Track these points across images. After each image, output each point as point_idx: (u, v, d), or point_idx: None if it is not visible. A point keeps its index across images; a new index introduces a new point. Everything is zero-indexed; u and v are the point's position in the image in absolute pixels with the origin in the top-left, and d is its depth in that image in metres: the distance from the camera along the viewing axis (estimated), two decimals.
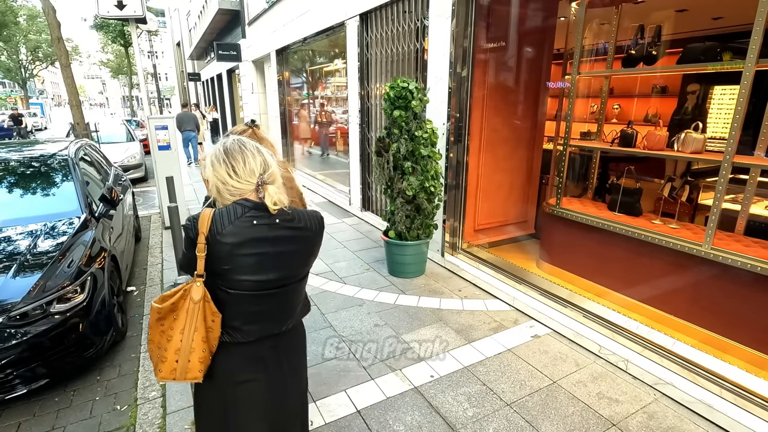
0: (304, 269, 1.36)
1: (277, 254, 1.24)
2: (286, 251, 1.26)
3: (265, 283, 1.25)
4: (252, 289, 1.24)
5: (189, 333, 1.21)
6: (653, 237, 3.09)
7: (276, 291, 1.28)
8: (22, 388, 2.49)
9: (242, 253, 1.19)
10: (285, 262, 1.27)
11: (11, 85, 45.77)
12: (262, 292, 1.26)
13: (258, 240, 1.20)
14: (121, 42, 30.00)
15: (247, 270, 1.21)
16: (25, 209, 3.41)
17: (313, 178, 9.14)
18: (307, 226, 1.30)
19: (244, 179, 1.21)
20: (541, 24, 4.48)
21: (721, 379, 2.50)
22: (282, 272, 1.27)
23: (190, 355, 1.22)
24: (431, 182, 3.86)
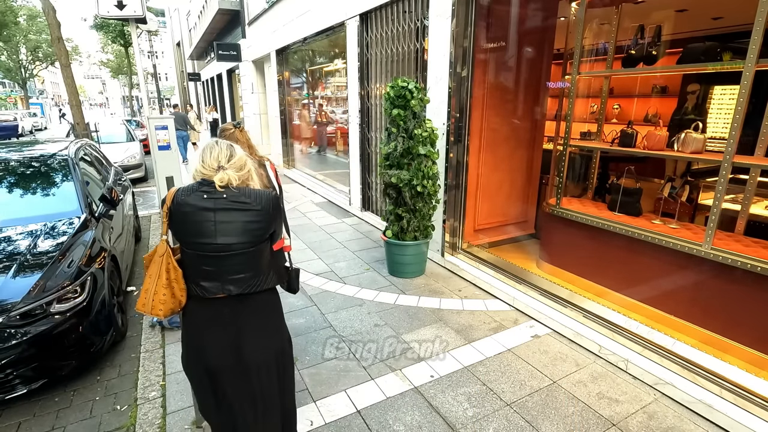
0: (251, 238, 1.58)
1: (220, 223, 1.53)
2: (229, 221, 1.54)
3: (210, 246, 1.54)
4: (200, 250, 1.55)
5: (154, 278, 1.60)
6: (653, 237, 3.09)
7: (224, 255, 1.55)
8: (22, 388, 2.49)
9: (192, 219, 1.52)
10: (227, 229, 1.54)
11: (11, 85, 45.78)
12: (210, 254, 1.54)
13: (204, 209, 1.52)
14: (121, 42, 30.01)
15: (196, 234, 1.54)
16: (25, 209, 3.41)
17: (313, 178, 9.14)
18: (253, 203, 1.57)
19: (207, 166, 1.55)
20: (541, 24, 4.48)
21: (721, 379, 2.50)
22: (225, 239, 1.54)
23: (154, 296, 1.60)
24: (421, 181, 3.84)
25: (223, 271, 1.57)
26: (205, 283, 1.57)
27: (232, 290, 1.58)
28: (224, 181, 1.52)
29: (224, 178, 1.52)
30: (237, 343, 1.63)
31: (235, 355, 1.63)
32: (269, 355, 1.70)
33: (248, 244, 1.57)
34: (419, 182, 3.83)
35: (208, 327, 1.63)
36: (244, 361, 1.64)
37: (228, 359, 1.63)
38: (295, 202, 7.43)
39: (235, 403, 1.67)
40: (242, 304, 1.63)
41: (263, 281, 1.65)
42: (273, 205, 1.62)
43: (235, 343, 1.63)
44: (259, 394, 1.68)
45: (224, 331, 1.62)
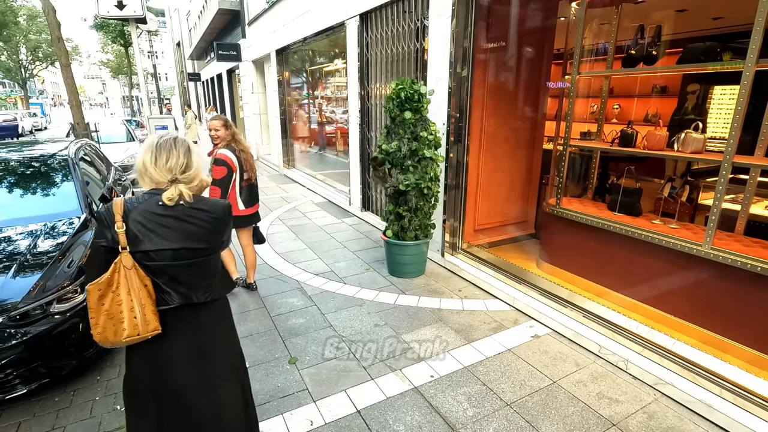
0: (209, 245, 1.54)
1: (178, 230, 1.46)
2: (186, 228, 1.48)
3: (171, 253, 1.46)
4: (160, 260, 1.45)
5: (136, 291, 1.42)
6: (653, 237, 3.09)
7: (183, 263, 1.49)
8: (22, 388, 2.49)
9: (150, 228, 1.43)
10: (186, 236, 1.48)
11: (11, 85, 45.77)
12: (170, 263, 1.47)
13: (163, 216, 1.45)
14: (121, 42, 30.00)
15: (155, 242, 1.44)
16: (25, 209, 3.40)
17: (313, 178, 9.14)
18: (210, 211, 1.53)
19: (159, 171, 1.47)
20: (541, 24, 4.48)
21: (721, 379, 2.50)
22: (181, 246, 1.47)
23: (145, 309, 1.43)
24: (428, 183, 3.86)
25: (179, 279, 1.50)
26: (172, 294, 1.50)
27: (188, 299, 1.53)
28: (173, 200, 1.45)
29: (174, 197, 1.44)
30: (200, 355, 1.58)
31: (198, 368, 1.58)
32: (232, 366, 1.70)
33: (206, 251, 1.54)
34: (426, 184, 3.85)
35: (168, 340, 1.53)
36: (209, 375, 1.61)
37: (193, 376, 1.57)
38: (295, 202, 7.43)
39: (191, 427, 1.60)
40: (202, 311, 1.59)
41: (216, 291, 1.62)
42: (227, 213, 1.61)
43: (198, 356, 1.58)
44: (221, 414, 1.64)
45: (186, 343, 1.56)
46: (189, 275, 1.52)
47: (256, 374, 2.73)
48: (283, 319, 3.43)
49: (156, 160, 1.47)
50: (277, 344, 3.07)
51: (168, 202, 1.44)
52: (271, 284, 4.07)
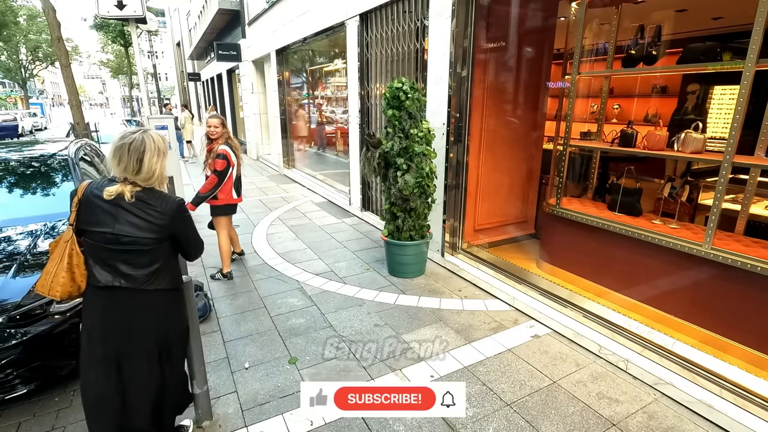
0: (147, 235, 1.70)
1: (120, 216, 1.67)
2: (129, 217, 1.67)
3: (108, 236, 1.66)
4: (100, 240, 1.67)
5: (56, 262, 1.70)
6: (653, 237, 3.09)
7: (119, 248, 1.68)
8: (22, 388, 2.49)
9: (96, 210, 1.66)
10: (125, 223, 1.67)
11: (11, 85, 45.77)
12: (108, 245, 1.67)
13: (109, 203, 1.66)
14: (121, 42, 30.00)
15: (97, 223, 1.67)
16: (26, 209, 3.41)
17: (313, 178, 9.14)
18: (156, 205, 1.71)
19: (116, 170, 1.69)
20: (541, 24, 4.48)
21: (721, 379, 2.50)
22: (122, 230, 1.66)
23: (53, 278, 1.69)
24: (426, 181, 3.86)
25: (119, 261, 1.70)
26: (101, 271, 1.70)
27: (122, 282, 1.71)
28: (112, 196, 1.66)
29: (113, 194, 1.66)
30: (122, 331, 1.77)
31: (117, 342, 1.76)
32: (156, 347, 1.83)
33: (146, 240, 1.69)
34: (425, 182, 3.85)
35: (92, 309, 1.76)
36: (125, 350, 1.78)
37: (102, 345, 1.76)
38: (295, 202, 7.43)
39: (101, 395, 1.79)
40: (136, 296, 1.75)
41: (157, 282, 1.76)
42: (177, 209, 1.76)
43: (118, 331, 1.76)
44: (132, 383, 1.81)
45: (110, 318, 1.76)
46: (122, 260, 1.70)
47: (256, 374, 2.73)
48: (283, 319, 3.43)
49: (113, 160, 1.69)
50: (277, 344, 3.07)
51: (107, 196, 1.66)
52: (271, 284, 4.07)
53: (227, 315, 3.50)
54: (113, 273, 1.70)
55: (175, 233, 1.80)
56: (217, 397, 2.51)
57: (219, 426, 2.31)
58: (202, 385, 2.25)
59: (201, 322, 3.29)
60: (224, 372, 2.76)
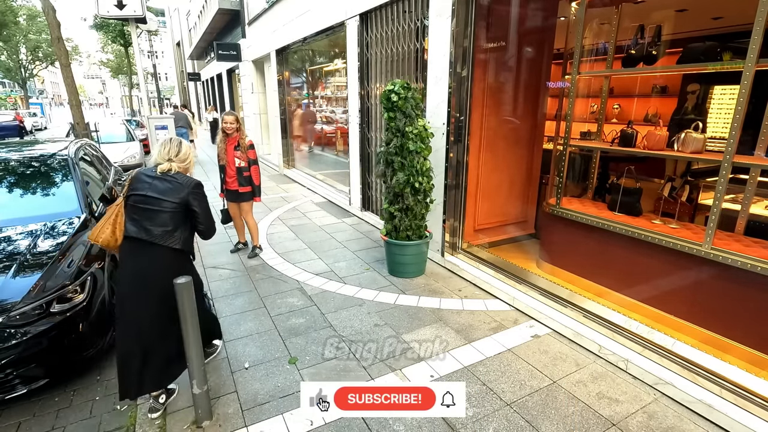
0: (170, 200, 2.24)
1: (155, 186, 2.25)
2: (160, 186, 2.25)
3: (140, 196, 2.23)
4: (135, 202, 2.23)
5: (106, 218, 2.27)
6: (653, 237, 3.09)
7: (147, 207, 2.22)
8: (22, 388, 2.49)
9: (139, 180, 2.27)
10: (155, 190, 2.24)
11: (11, 85, 45.75)
12: (139, 205, 2.22)
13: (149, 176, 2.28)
14: (121, 42, 29.98)
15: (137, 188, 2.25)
16: (25, 209, 3.41)
17: (313, 178, 9.14)
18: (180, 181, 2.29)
19: (161, 157, 2.32)
20: (541, 24, 4.48)
21: (721, 379, 2.50)
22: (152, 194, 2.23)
23: (101, 230, 2.25)
24: (417, 178, 3.85)
25: (143, 218, 2.22)
26: (130, 225, 2.23)
27: (141, 235, 2.20)
28: (164, 170, 2.29)
29: (165, 167, 2.29)
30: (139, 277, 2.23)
31: (136, 284, 2.24)
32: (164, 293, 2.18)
33: (168, 204, 2.23)
34: (415, 179, 3.85)
35: (124, 258, 2.28)
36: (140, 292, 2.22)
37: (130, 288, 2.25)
38: (295, 202, 7.43)
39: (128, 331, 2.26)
40: (149, 247, 2.22)
41: (169, 238, 2.24)
42: (193, 184, 2.32)
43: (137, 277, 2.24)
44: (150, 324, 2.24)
45: (133, 263, 2.26)
46: (146, 218, 2.22)
47: (256, 374, 2.73)
48: (283, 319, 3.43)
49: (159, 151, 2.34)
50: (277, 344, 3.07)
51: (159, 171, 2.28)
52: (271, 284, 4.07)
53: (227, 315, 3.50)
54: (138, 227, 2.21)
55: (189, 204, 2.28)
56: (217, 397, 2.51)
57: (219, 426, 2.31)
58: (202, 385, 2.25)
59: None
60: (224, 372, 2.76)
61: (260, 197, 4.62)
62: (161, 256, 2.24)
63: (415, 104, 3.87)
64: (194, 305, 2.14)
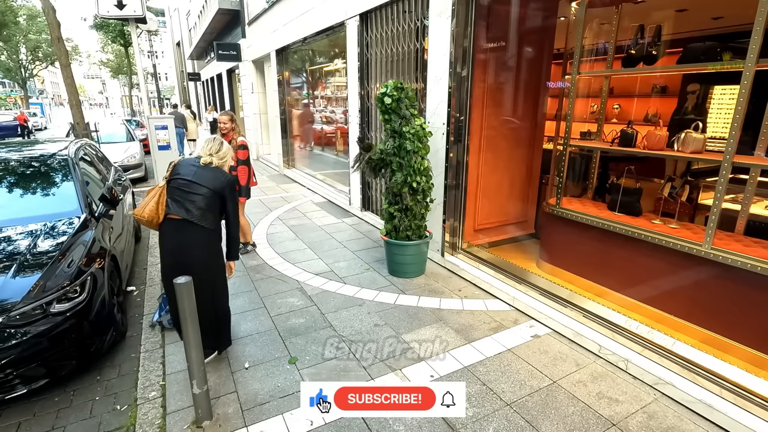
0: (210, 191, 2.63)
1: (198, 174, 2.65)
2: (203, 174, 2.66)
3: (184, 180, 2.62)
4: (178, 185, 2.62)
5: (151, 196, 2.61)
6: (653, 237, 3.09)
7: (188, 190, 2.61)
8: (22, 388, 2.49)
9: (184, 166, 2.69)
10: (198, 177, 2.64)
11: (11, 84, 45.75)
12: (182, 188, 2.61)
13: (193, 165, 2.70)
14: (121, 42, 29.99)
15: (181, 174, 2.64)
16: (25, 209, 3.41)
17: (313, 178, 9.14)
18: (218, 174, 2.72)
19: (204, 152, 2.74)
20: (541, 24, 4.48)
21: (721, 379, 2.50)
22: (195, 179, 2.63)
23: (147, 207, 2.58)
24: (414, 177, 3.85)
25: (185, 200, 2.60)
26: (173, 205, 2.59)
27: (181, 214, 2.57)
28: (206, 162, 2.71)
29: (206, 161, 2.71)
30: (178, 252, 2.63)
31: (175, 260, 2.63)
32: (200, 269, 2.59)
33: (206, 190, 2.62)
34: (413, 179, 3.84)
35: (164, 236, 2.65)
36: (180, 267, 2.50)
37: (170, 258, 2.67)
38: (295, 202, 7.43)
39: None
40: (188, 226, 2.59)
41: (204, 219, 2.62)
42: (229, 180, 2.74)
43: (176, 252, 2.64)
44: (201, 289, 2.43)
45: (172, 240, 2.63)
46: (187, 200, 2.60)
47: (256, 374, 2.73)
48: (283, 319, 3.43)
49: (204, 147, 2.79)
50: (277, 344, 3.07)
51: (202, 162, 2.70)
52: (271, 284, 4.07)
53: None
54: (179, 207, 2.58)
55: (223, 195, 2.67)
56: (217, 397, 2.51)
57: (219, 426, 2.31)
58: (202, 385, 2.25)
59: None
60: (224, 372, 2.76)
61: (245, 198, 4.57)
62: (198, 234, 2.63)
63: (410, 104, 3.86)
64: (194, 305, 2.14)
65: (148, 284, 4.13)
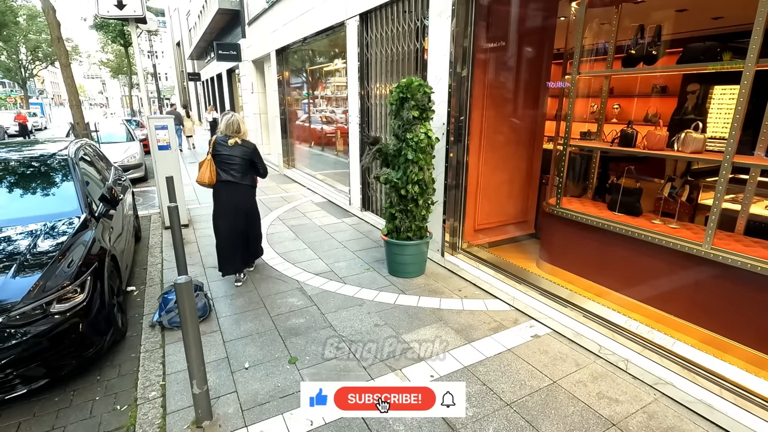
0: (242, 156, 3.80)
1: (231, 150, 3.79)
2: (236, 149, 3.79)
3: (226, 156, 3.78)
4: (221, 159, 3.78)
5: (205, 167, 3.80)
6: (653, 237, 3.09)
7: (229, 162, 3.78)
8: (22, 388, 2.49)
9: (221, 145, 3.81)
10: (233, 152, 3.78)
11: (11, 84, 45.75)
12: (225, 161, 3.78)
13: (224, 146, 3.80)
14: (121, 42, 29.99)
15: (220, 152, 3.79)
16: (25, 209, 3.40)
17: (313, 178, 9.14)
18: (246, 146, 3.83)
19: (227, 131, 3.81)
20: (541, 24, 4.48)
21: (721, 379, 2.50)
22: (232, 153, 3.78)
23: (205, 174, 3.79)
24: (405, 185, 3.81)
25: (229, 168, 3.78)
26: (221, 172, 3.79)
27: (229, 178, 3.79)
28: (233, 142, 3.78)
29: (232, 141, 3.78)
30: (232, 202, 3.87)
31: (231, 206, 3.88)
32: (247, 210, 3.98)
33: (240, 159, 3.79)
34: (403, 186, 3.83)
35: (220, 192, 3.86)
36: (235, 210, 3.89)
37: (228, 209, 3.88)
38: (295, 202, 7.42)
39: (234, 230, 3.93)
40: (235, 185, 3.83)
41: (245, 179, 3.87)
42: (252, 148, 3.88)
43: (231, 202, 3.87)
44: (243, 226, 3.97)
45: (227, 194, 3.85)
46: (230, 168, 3.78)
47: (256, 374, 2.73)
48: (283, 319, 3.43)
49: (225, 125, 3.82)
50: (277, 344, 3.07)
51: (230, 143, 3.76)
52: (271, 284, 4.07)
53: (227, 315, 3.50)
54: (227, 173, 3.78)
55: (253, 158, 3.85)
56: (217, 397, 2.51)
57: (219, 426, 2.31)
58: (202, 385, 2.25)
59: (201, 322, 3.29)
60: (224, 372, 2.76)
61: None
62: (242, 190, 3.88)
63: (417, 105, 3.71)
64: (194, 304, 2.15)
65: (148, 284, 4.14)
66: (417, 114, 3.73)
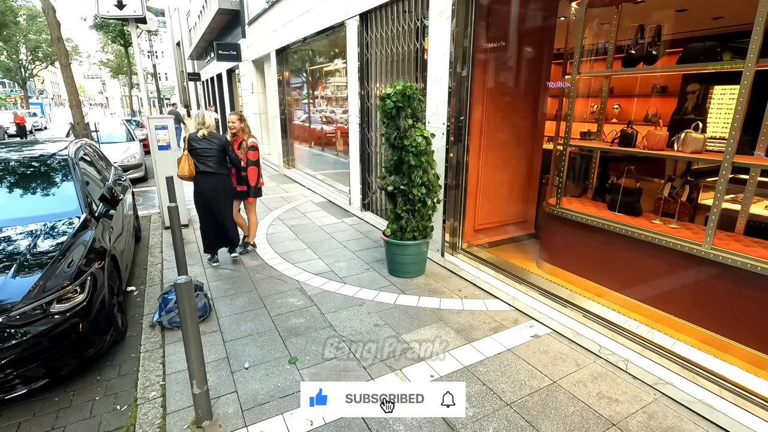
0: (215, 148, 4.20)
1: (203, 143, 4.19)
2: (205, 143, 4.19)
3: (201, 149, 4.18)
4: (196, 153, 4.18)
5: (183, 161, 4.19)
6: (653, 237, 3.09)
7: (204, 154, 4.18)
8: (22, 388, 2.49)
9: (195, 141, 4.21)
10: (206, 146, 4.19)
11: (11, 84, 45.76)
12: (200, 154, 4.17)
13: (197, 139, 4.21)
14: (121, 42, 30.00)
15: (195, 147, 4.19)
16: (25, 209, 3.41)
17: (313, 178, 9.14)
18: (216, 141, 4.23)
19: (196, 125, 4.26)
20: (541, 24, 4.48)
21: (721, 379, 2.50)
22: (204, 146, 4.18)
23: (185, 168, 4.16)
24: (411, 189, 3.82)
25: (205, 160, 4.15)
26: (199, 164, 4.14)
27: (206, 169, 4.15)
28: (203, 135, 4.17)
29: (201, 133, 4.17)
30: (209, 191, 4.22)
31: (208, 194, 4.23)
32: (220, 197, 4.29)
33: (215, 151, 4.18)
34: (409, 190, 3.83)
35: (199, 182, 4.20)
36: (211, 197, 4.24)
37: (205, 197, 4.24)
38: (295, 202, 7.43)
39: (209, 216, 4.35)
40: (211, 175, 4.19)
41: (219, 169, 4.22)
42: (222, 140, 4.24)
43: (207, 190, 4.22)
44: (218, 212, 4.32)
45: (205, 184, 4.20)
46: (206, 159, 4.15)
47: (256, 374, 2.73)
48: (283, 318, 3.43)
49: (194, 121, 4.24)
50: (277, 344, 3.07)
51: (200, 135, 4.17)
52: (271, 284, 4.07)
53: (227, 315, 3.50)
54: (203, 164, 4.14)
55: (225, 149, 4.22)
56: (217, 397, 2.51)
57: (219, 426, 2.31)
58: (202, 385, 2.25)
59: (201, 322, 3.29)
60: (224, 372, 2.76)
61: (254, 198, 4.61)
62: (218, 178, 4.23)
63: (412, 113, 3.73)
64: (194, 304, 2.15)
65: (148, 284, 4.14)
66: (411, 123, 3.76)
